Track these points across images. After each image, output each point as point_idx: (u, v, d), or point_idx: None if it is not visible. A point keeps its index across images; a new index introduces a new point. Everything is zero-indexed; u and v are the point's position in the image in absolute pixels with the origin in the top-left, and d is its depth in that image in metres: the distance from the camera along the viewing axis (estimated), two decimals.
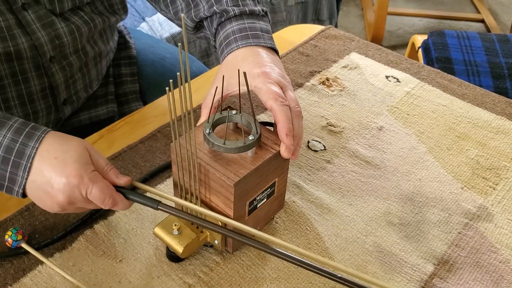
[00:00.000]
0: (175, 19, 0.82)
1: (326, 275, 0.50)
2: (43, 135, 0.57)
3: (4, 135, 0.56)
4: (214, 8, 0.73)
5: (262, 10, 0.74)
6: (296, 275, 0.62)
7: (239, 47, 0.68)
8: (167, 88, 0.51)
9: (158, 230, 0.60)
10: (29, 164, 0.56)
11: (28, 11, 0.74)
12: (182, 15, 0.49)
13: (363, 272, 0.63)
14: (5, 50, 0.73)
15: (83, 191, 0.56)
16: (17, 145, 0.56)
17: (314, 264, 0.51)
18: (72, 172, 0.55)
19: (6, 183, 0.57)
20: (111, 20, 0.89)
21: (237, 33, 0.69)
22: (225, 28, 0.71)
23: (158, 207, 0.57)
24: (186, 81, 0.52)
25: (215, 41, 0.74)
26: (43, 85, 0.80)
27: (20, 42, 0.74)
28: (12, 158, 0.56)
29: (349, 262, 0.64)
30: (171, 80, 0.51)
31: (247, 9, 0.72)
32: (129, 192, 0.58)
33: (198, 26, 0.79)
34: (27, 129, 0.57)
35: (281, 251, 0.52)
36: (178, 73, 0.50)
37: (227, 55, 0.68)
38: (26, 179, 0.56)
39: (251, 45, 0.68)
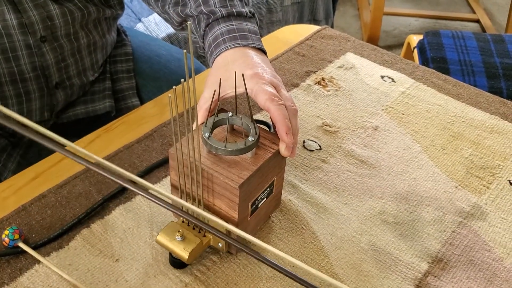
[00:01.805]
0: (162, 12, 0.82)
1: None
2: None
3: None
4: (202, 8, 0.73)
5: (250, 12, 0.74)
6: None
7: (228, 48, 0.68)
8: (169, 96, 0.51)
9: (160, 238, 0.60)
10: None
11: None
12: (189, 23, 0.50)
13: (358, 271, 0.63)
14: None
15: None
16: None
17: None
18: None
19: None
20: (106, 12, 0.89)
21: (225, 34, 0.70)
22: (214, 30, 0.71)
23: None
24: (189, 81, 0.52)
25: (203, 42, 0.75)
26: (33, 64, 0.81)
27: (8, 18, 0.75)
28: None
29: (344, 261, 0.64)
30: (169, 94, 0.51)
31: (234, 11, 0.72)
32: None
33: (184, 25, 0.80)
34: None
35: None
36: (182, 80, 0.51)
37: (217, 56, 0.69)
38: None
39: (240, 46, 0.68)
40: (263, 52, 0.71)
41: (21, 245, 0.62)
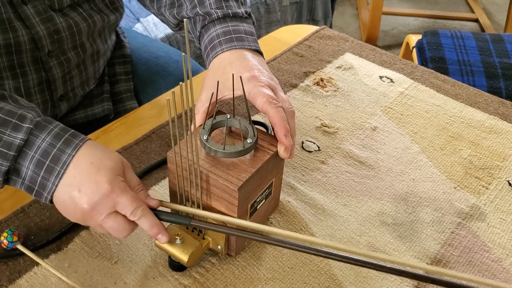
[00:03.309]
0: (158, 14, 0.82)
1: (337, 258, 0.52)
2: (81, 143, 0.56)
3: (43, 138, 0.56)
4: (197, 9, 0.73)
5: (246, 12, 0.74)
6: (290, 276, 0.63)
7: (224, 51, 0.68)
8: (167, 99, 0.51)
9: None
10: (62, 171, 0.55)
11: (28, 5, 0.75)
12: (186, 20, 0.49)
13: (356, 272, 0.63)
14: (6, 42, 0.74)
15: (110, 201, 0.55)
16: (54, 150, 0.56)
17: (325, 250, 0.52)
18: (103, 179, 0.55)
19: (36, 188, 0.57)
20: (110, 18, 0.89)
21: (221, 36, 0.70)
22: (209, 32, 0.71)
23: (191, 222, 0.57)
24: (188, 77, 0.52)
25: (199, 43, 0.75)
26: (40, 79, 0.81)
27: (20, 34, 0.75)
28: (47, 162, 0.56)
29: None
30: (168, 97, 0.51)
31: (230, 12, 0.72)
32: (160, 213, 0.58)
33: (181, 25, 0.79)
34: (66, 135, 0.57)
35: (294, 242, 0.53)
36: (181, 83, 0.51)
37: (213, 59, 0.69)
38: (57, 186, 0.56)
39: (236, 48, 0.68)
40: (260, 53, 0.71)
41: (20, 247, 0.62)
